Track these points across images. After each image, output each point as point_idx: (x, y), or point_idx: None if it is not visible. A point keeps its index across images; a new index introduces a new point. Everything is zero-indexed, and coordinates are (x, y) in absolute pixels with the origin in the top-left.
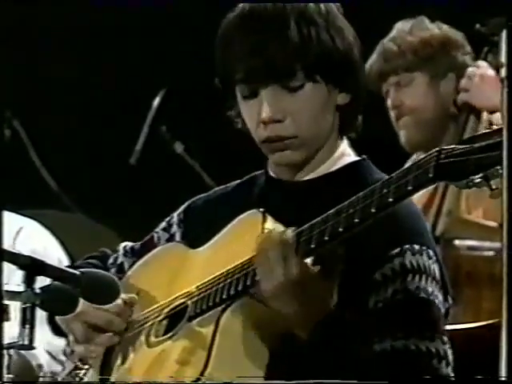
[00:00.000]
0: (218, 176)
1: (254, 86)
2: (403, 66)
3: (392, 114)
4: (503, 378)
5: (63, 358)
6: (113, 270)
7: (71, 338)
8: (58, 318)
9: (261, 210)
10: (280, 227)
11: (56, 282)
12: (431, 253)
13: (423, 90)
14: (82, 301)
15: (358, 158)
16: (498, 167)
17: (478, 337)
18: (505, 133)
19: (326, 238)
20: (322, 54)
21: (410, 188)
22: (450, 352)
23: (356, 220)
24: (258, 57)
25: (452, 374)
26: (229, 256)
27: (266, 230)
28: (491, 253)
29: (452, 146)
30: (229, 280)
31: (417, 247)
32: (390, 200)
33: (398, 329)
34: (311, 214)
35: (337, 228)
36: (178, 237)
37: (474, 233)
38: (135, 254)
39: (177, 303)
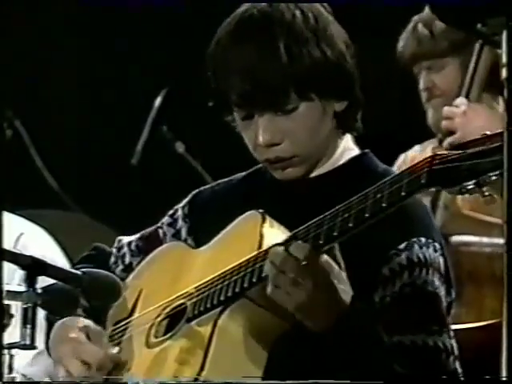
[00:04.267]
0: (218, 176)
1: (249, 111)
2: (436, 51)
3: (423, 94)
4: (504, 378)
5: None
6: (118, 270)
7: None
8: (51, 354)
9: (260, 210)
10: (279, 227)
11: (57, 282)
12: (437, 246)
13: (454, 75)
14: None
15: (361, 152)
16: (491, 174)
17: (479, 337)
18: (505, 133)
19: (321, 242)
20: (314, 72)
21: (403, 194)
22: (456, 346)
23: (350, 225)
24: (250, 83)
25: (460, 369)
26: (229, 257)
27: (264, 231)
28: (490, 249)
29: (446, 152)
30: (226, 282)
31: (423, 240)
32: (384, 205)
33: (406, 324)
34: (319, 210)
35: (332, 232)
36: (184, 232)
37: (472, 228)
38: (141, 252)
39: (176, 304)
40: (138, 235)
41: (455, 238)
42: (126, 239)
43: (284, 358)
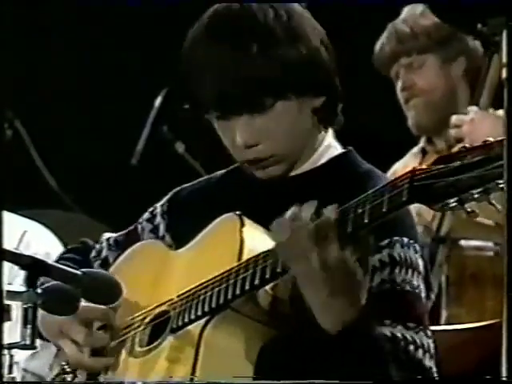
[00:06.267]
0: None
1: (224, 111)
2: (416, 48)
3: (401, 95)
4: (504, 378)
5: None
6: (96, 264)
7: (69, 348)
8: (46, 330)
9: (237, 213)
10: (258, 228)
11: (57, 282)
12: (418, 248)
13: (435, 72)
14: None
15: (344, 150)
16: (473, 191)
17: (479, 337)
18: (506, 132)
19: None
20: (288, 71)
21: (384, 210)
22: (433, 346)
23: None
24: (225, 85)
25: (435, 368)
26: (208, 261)
27: (244, 235)
28: (495, 253)
29: (426, 167)
30: (209, 292)
31: (406, 240)
32: (366, 221)
33: (384, 317)
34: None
35: None
36: (161, 228)
37: (481, 233)
38: (120, 247)
39: (159, 310)
40: (119, 232)
41: (462, 243)
42: (107, 235)
43: (271, 364)
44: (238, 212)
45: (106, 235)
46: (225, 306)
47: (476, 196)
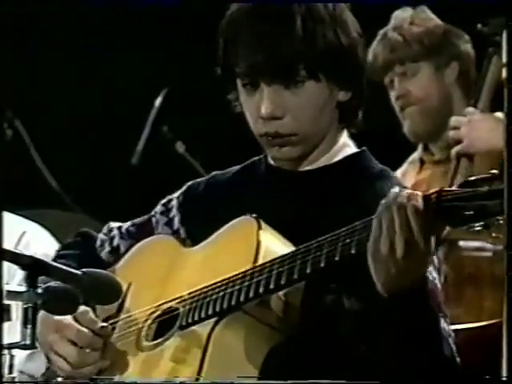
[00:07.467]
0: None
1: (255, 80)
2: (409, 56)
3: (397, 104)
4: (504, 378)
5: None
6: (104, 253)
7: (59, 363)
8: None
9: (254, 215)
10: (275, 233)
11: (58, 282)
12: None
13: (429, 79)
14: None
15: (358, 150)
16: (500, 217)
17: (479, 337)
18: (506, 132)
19: (337, 258)
20: (325, 52)
21: None
22: (453, 335)
23: (352, 251)
24: (262, 54)
25: (455, 351)
26: (223, 261)
27: (261, 238)
28: (492, 253)
29: (453, 189)
30: (222, 293)
31: None
32: None
33: None
34: (311, 204)
35: (333, 257)
36: (176, 221)
37: (477, 234)
38: (132, 237)
39: (167, 306)
40: (129, 222)
41: (461, 243)
42: (116, 224)
43: (277, 369)
44: (254, 215)
45: (115, 224)
46: (236, 308)
47: (502, 222)
